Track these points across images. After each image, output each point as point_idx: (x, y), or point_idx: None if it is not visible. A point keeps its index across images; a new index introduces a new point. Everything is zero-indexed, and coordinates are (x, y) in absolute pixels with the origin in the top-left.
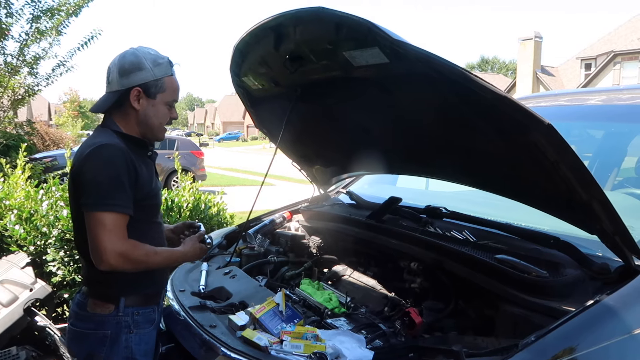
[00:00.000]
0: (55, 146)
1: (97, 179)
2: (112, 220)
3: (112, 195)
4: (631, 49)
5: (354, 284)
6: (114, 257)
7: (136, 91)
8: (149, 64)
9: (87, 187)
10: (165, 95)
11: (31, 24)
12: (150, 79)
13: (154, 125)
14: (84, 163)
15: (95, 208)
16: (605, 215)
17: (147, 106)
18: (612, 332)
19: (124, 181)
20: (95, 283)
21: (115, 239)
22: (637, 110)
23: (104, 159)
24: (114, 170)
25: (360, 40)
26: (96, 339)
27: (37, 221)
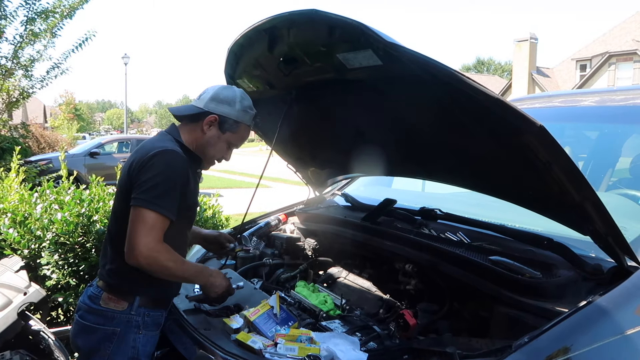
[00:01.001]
0: (50, 149)
1: (155, 179)
2: (155, 219)
3: (163, 198)
4: (626, 50)
5: (349, 286)
6: (145, 254)
7: (213, 118)
8: (239, 106)
9: (144, 184)
10: (233, 137)
11: (25, 26)
12: (231, 116)
13: (209, 154)
14: (148, 162)
15: (144, 204)
16: (597, 216)
17: (214, 136)
18: (605, 332)
19: (177, 188)
20: (116, 277)
21: (152, 238)
22: (630, 111)
23: (166, 163)
24: (172, 176)
25: (354, 42)
26: (105, 334)
27: (31, 224)
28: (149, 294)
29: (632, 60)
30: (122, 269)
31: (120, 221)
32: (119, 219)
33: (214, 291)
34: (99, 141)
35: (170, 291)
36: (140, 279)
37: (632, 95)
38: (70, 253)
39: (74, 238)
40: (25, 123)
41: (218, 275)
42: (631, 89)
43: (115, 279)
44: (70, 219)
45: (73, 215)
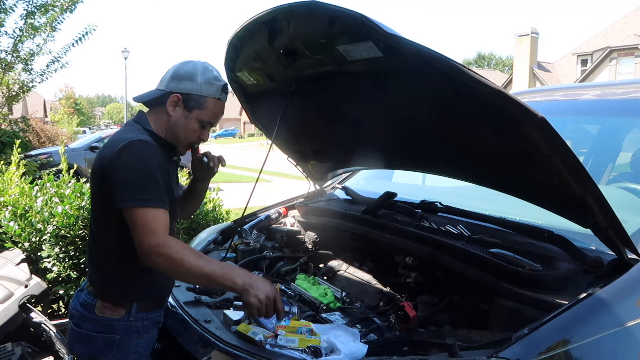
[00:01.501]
0: (50, 143)
1: (131, 173)
2: (146, 215)
3: (144, 191)
4: (627, 44)
5: (349, 278)
6: (154, 253)
7: (175, 97)
8: (200, 79)
9: (120, 183)
10: (201, 113)
11: (25, 20)
12: (194, 92)
13: (179, 136)
14: (117, 157)
15: (128, 204)
16: (598, 208)
17: (180, 116)
18: (604, 324)
19: (155, 177)
20: (110, 285)
21: (151, 234)
22: (631, 105)
23: (136, 154)
24: (146, 165)
25: (354, 34)
26: (103, 342)
27: (31, 217)
28: (146, 297)
29: (634, 55)
30: (114, 277)
31: (99, 223)
32: (98, 221)
33: (254, 295)
34: (99, 135)
35: (166, 289)
36: (135, 284)
37: (634, 89)
38: (71, 246)
39: (74, 231)
40: (25, 117)
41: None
42: (632, 82)
43: (108, 287)
44: (70, 212)
45: (73, 208)
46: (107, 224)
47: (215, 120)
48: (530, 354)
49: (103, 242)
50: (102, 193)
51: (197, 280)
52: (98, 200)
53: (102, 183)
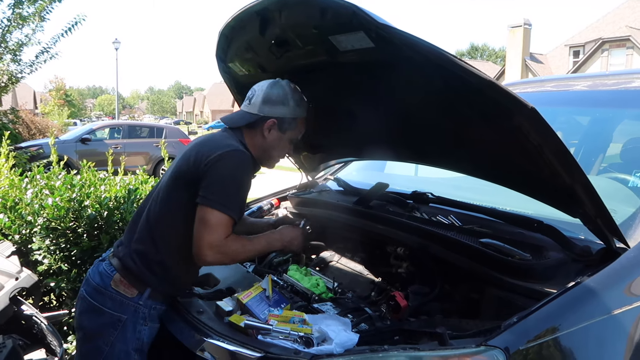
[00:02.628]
0: (41, 135)
1: (226, 179)
2: (220, 219)
3: (231, 198)
4: (619, 36)
5: (341, 269)
6: (211, 254)
7: (272, 122)
8: (292, 103)
9: (214, 184)
10: (293, 133)
11: (13, 10)
12: (288, 115)
13: (273, 156)
14: (218, 159)
15: (212, 204)
16: (587, 198)
17: (276, 138)
18: (592, 312)
19: (245, 190)
20: (139, 260)
21: (216, 236)
22: (622, 96)
23: (237, 164)
24: (241, 177)
25: (346, 24)
26: (111, 319)
27: (21, 210)
28: (162, 289)
29: (625, 47)
30: (150, 260)
31: (168, 206)
32: (167, 204)
33: (294, 245)
34: (91, 127)
35: (182, 290)
36: (160, 273)
37: (624, 80)
38: (62, 238)
39: (65, 223)
40: (15, 109)
41: (287, 230)
42: (623, 74)
43: (136, 264)
44: (61, 204)
45: (64, 200)
46: (173, 210)
47: (302, 134)
48: (519, 341)
49: (159, 223)
50: (188, 181)
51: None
52: (179, 185)
53: (194, 174)
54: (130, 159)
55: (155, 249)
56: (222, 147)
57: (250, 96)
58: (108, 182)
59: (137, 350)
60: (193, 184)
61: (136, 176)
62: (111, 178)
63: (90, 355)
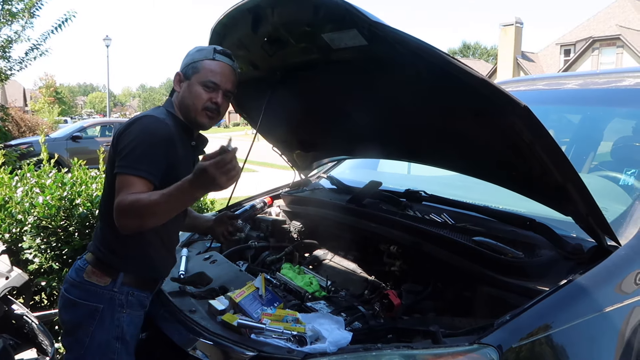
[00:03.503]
0: (31, 132)
1: (132, 143)
2: (129, 181)
3: (140, 160)
4: (609, 35)
5: (334, 267)
6: (120, 214)
7: (177, 75)
8: (192, 51)
9: (122, 151)
10: (199, 76)
11: (2, 6)
12: (188, 62)
13: (188, 105)
14: (126, 129)
15: (123, 170)
16: (579, 197)
17: (185, 88)
18: (584, 310)
19: (156, 151)
20: (103, 249)
21: (122, 196)
22: (612, 94)
23: (142, 127)
24: (148, 138)
25: (338, 22)
26: (87, 310)
27: (12, 208)
28: (134, 271)
29: (615, 46)
30: (110, 242)
31: (106, 189)
32: (106, 187)
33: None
34: (81, 125)
35: (156, 271)
36: (127, 255)
37: (614, 79)
38: (53, 237)
39: (56, 222)
40: (4, 106)
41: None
42: (613, 72)
43: (102, 251)
44: (52, 203)
45: (55, 198)
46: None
47: (218, 79)
48: (512, 339)
49: (107, 208)
50: (112, 160)
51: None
52: (110, 167)
53: (114, 150)
54: None
55: (114, 236)
56: (132, 118)
57: None
58: (99, 180)
59: (118, 339)
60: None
61: None
62: (102, 176)
63: (72, 348)
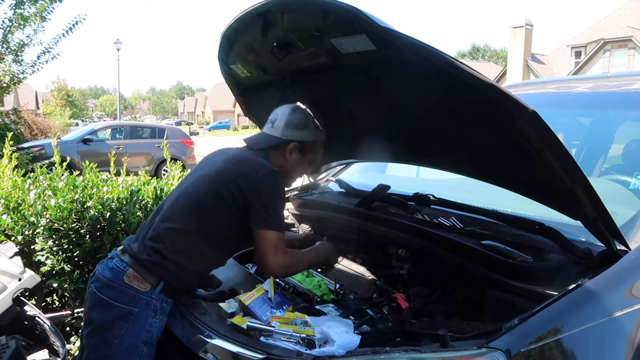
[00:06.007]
0: (43, 135)
1: (273, 201)
2: (279, 240)
3: (280, 218)
4: (621, 36)
5: (343, 271)
6: (280, 271)
7: (294, 145)
8: (312, 127)
9: (267, 206)
10: (313, 156)
11: (14, 10)
12: (309, 139)
13: (294, 177)
14: (265, 181)
15: (270, 227)
16: (588, 200)
17: (297, 160)
18: (593, 314)
19: (284, 207)
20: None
21: (281, 255)
22: (623, 97)
23: (280, 186)
24: (283, 198)
25: (347, 27)
26: (122, 313)
27: (24, 211)
28: (175, 283)
29: (627, 47)
30: (167, 255)
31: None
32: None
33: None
34: (92, 128)
35: (193, 285)
36: (175, 269)
37: (625, 82)
38: (65, 239)
39: (67, 224)
40: (17, 109)
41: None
42: (624, 75)
43: (152, 257)
44: (64, 205)
45: (67, 201)
46: (212, 221)
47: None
48: (521, 343)
49: (182, 230)
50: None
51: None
52: (216, 197)
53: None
54: (132, 159)
55: (173, 250)
56: (262, 167)
57: (272, 120)
58: (110, 183)
59: (147, 343)
60: (237, 205)
61: (138, 177)
62: (113, 179)
63: (99, 348)
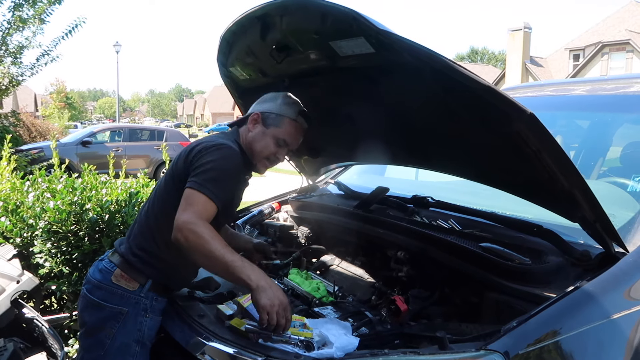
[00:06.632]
0: (41, 138)
1: (209, 165)
2: (202, 201)
3: (214, 184)
4: (619, 39)
5: (342, 273)
6: (183, 226)
7: (256, 115)
8: (280, 100)
9: (198, 169)
10: (277, 131)
11: (13, 12)
12: (273, 110)
13: (255, 150)
14: (206, 150)
15: (195, 186)
16: (586, 203)
17: (259, 132)
18: (591, 317)
19: (229, 180)
20: (138, 254)
21: (193, 213)
22: (621, 100)
23: (223, 154)
24: (226, 167)
25: (346, 30)
26: (112, 313)
27: (23, 213)
28: (163, 280)
29: (625, 50)
30: (150, 249)
31: (165, 202)
32: (164, 201)
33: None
34: (91, 130)
35: (183, 282)
36: (159, 264)
37: (623, 84)
38: (63, 241)
39: (66, 226)
40: (16, 111)
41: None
42: (622, 78)
43: (136, 256)
44: (62, 207)
45: (65, 203)
46: (169, 205)
47: (290, 140)
48: (519, 346)
49: (157, 219)
50: (180, 172)
51: (216, 267)
52: (173, 181)
53: (185, 165)
54: (131, 161)
55: (154, 244)
56: (211, 141)
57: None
58: (109, 185)
59: (138, 342)
60: (185, 173)
61: (137, 179)
62: (112, 181)
63: (92, 349)
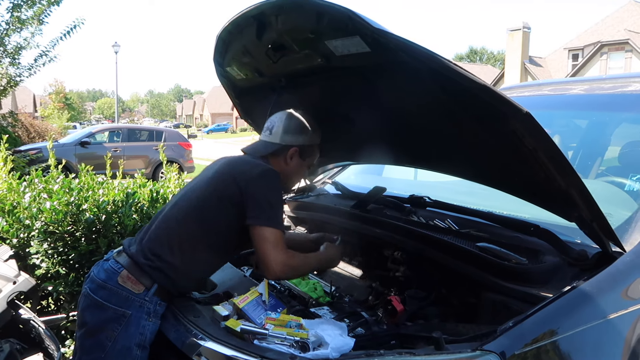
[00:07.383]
0: (40, 138)
1: (270, 198)
2: (276, 235)
3: (277, 213)
4: (618, 39)
5: (338, 273)
6: (281, 269)
7: (294, 150)
8: (310, 131)
9: (261, 202)
10: (311, 159)
11: (11, 13)
12: (308, 143)
13: (294, 182)
14: (260, 177)
15: (267, 223)
16: (582, 202)
17: (297, 165)
18: (588, 316)
19: (282, 203)
20: (150, 258)
21: (280, 252)
22: (619, 99)
23: (276, 185)
24: (281, 197)
25: (342, 29)
26: (115, 315)
27: (19, 213)
28: (169, 287)
29: (624, 50)
30: (165, 257)
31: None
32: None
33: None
34: (90, 130)
35: (186, 290)
36: (169, 271)
37: (621, 84)
38: (60, 242)
39: (63, 227)
40: (14, 112)
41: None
42: (620, 77)
43: (147, 259)
44: (59, 208)
45: (62, 204)
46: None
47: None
48: (515, 346)
49: (183, 232)
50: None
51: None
52: (220, 197)
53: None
54: (129, 162)
55: (170, 252)
56: (259, 165)
57: (269, 127)
58: (106, 185)
59: (139, 346)
60: (236, 205)
61: (134, 180)
62: (109, 182)
63: (92, 351)
